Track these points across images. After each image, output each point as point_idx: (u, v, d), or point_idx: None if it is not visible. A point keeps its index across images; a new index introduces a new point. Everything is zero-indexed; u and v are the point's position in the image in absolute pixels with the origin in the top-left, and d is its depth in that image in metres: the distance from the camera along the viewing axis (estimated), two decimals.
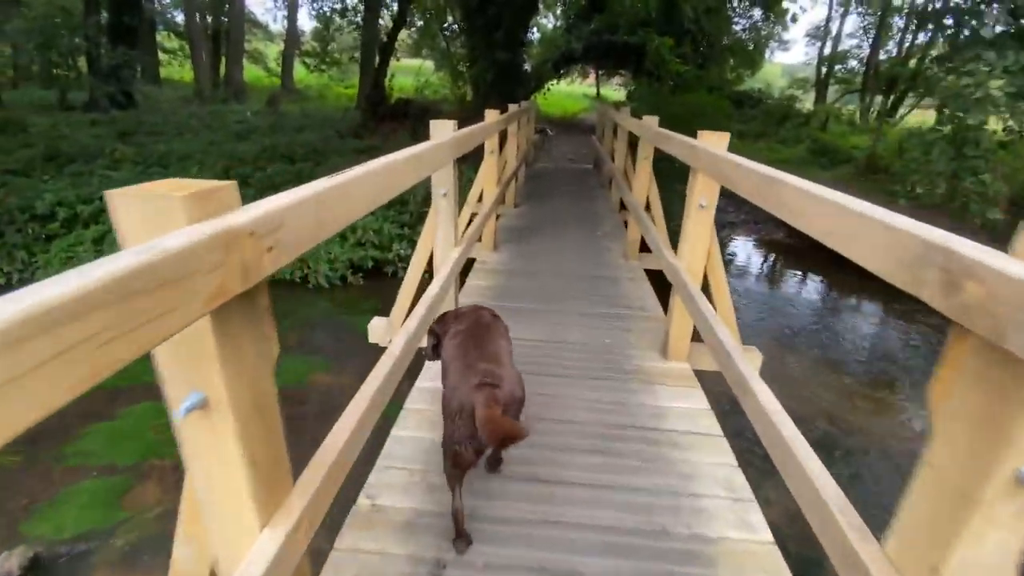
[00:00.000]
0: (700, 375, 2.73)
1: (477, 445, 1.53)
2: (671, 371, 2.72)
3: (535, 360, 2.72)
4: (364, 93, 13.80)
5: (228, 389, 0.78)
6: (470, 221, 3.94)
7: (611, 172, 6.04)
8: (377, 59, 13.34)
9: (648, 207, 4.17)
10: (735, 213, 11.30)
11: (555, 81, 17.17)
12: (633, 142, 5.41)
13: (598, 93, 37.90)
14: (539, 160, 10.39)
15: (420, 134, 12.21)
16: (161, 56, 24.27)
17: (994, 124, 7.99)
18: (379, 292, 6.72)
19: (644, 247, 4.35)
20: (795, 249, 9.86)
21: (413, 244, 6.35)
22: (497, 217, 5.11)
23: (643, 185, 4.28)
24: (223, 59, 20.02)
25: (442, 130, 2.43)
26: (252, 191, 7.61)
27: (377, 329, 2.91)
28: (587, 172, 9.26)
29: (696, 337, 2.68)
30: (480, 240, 4.35)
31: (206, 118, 13.64)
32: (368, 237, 6.66)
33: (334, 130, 12.78)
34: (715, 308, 2.32)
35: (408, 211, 7.44)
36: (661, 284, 4.26)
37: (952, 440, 0.77)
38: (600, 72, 29.19)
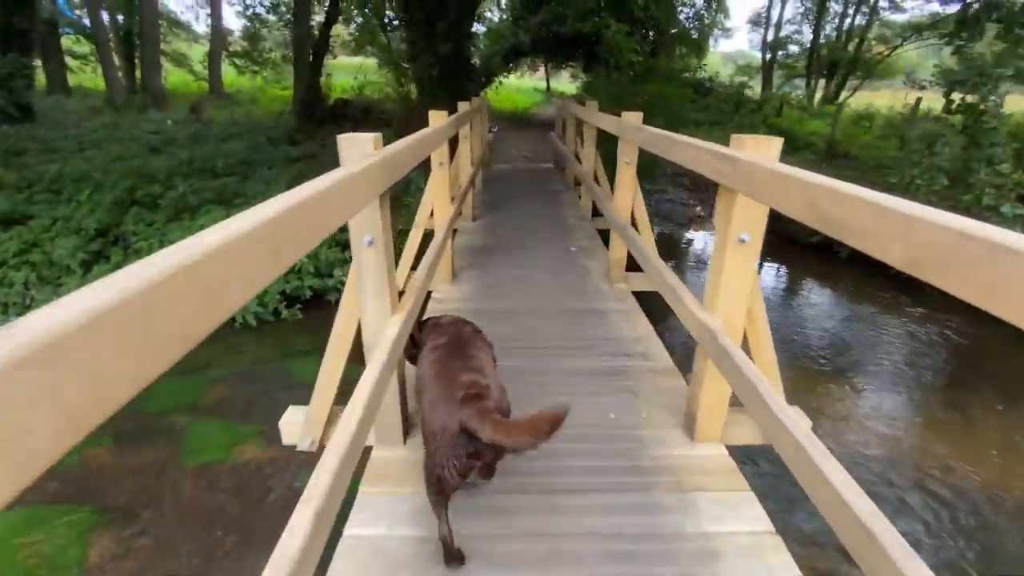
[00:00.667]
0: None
1: (463, 467, 1.39)
2: (706, 462, 2.01)
3: (513, 462, 1.89)
4: (299, 95, 12.60)
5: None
6: (421, 246, 3.13)
7: (579, 175, 5.33)
8: (311, 57, 12.16)
9: (633, 221, 3.48)
10: (703, 207, 10.89)
11: (505, 75, 16.39)
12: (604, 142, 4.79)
13: (548, 86, 37.42)
14: (494, 160, 9.60)
15: None
16: (72, 62, 21.94)
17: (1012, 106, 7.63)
18: (320, 325, 5.79)
19: (631, 265, 3.63)
20: (769, 245, 9.52)
21: None
22: (454, 235, 4.30)
23: (627, 196, 3.57)
24: (138, 63, 18.14)
25: (358, 149, 1.51)
26: (161, 216, 6.48)
27: (292, 426, 2.04)
28: (548, 172, 8.55)
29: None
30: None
31: (116, 130, 12.11)
32: (302, 264, 5.70)
33: (266, 137, 11.57)
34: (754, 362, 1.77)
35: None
36: (653, 308, 3.69)
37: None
38: (549, 65, 28.64)
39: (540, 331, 3.08)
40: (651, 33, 15.18)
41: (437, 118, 3.67)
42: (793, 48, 25.56)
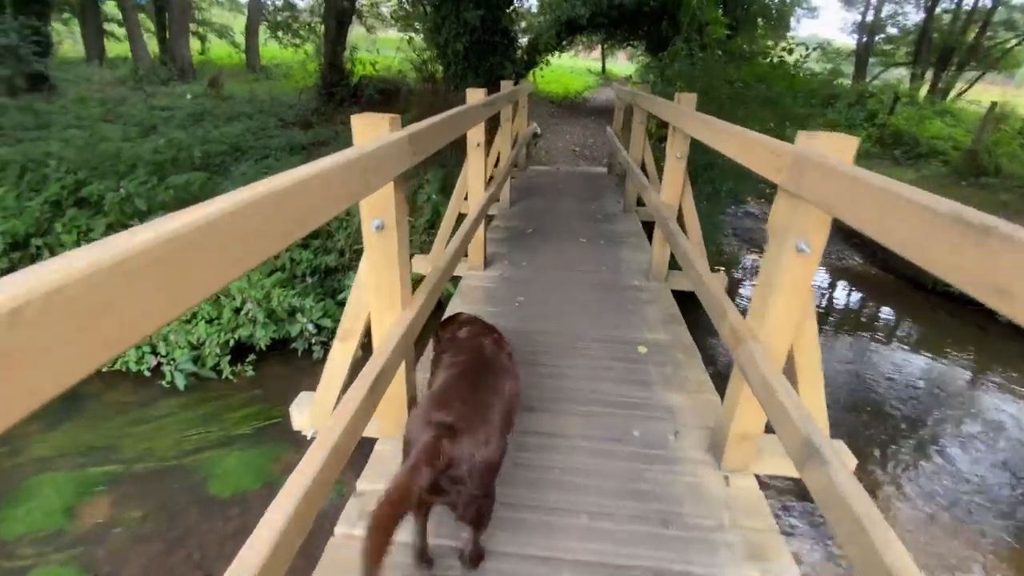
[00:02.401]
0: None
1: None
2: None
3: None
4: (321, 72, 11.10)
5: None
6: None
7: (655, 209, 3.31)
8: (333, 29, 10.60)
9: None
10: None
11: (556, 54, 14.35)
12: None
13: (604, 68, 34.80)
14: (533, 158, 7.75)
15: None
16: (119, 30, 21.37)
17: None
18: (280, 386, 4.28)
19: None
20: (878, 282, 7.32)
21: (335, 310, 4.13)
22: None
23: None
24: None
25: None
26: (101, 223, 5.09)
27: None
28: (601, 180, 6.64)
29: None
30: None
31: (123, 104, 11.01)
32: (251, 309, 4.16)
33: (278, 118, 10.17)
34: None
35: (323, 258, 4.93)
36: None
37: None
38: (606, 44, 26.21)
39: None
40: (735, 7, 12.77)
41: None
42: (891, 31, 22.08)
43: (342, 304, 3.95)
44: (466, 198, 3.44)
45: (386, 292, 1.67)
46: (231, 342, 4.24)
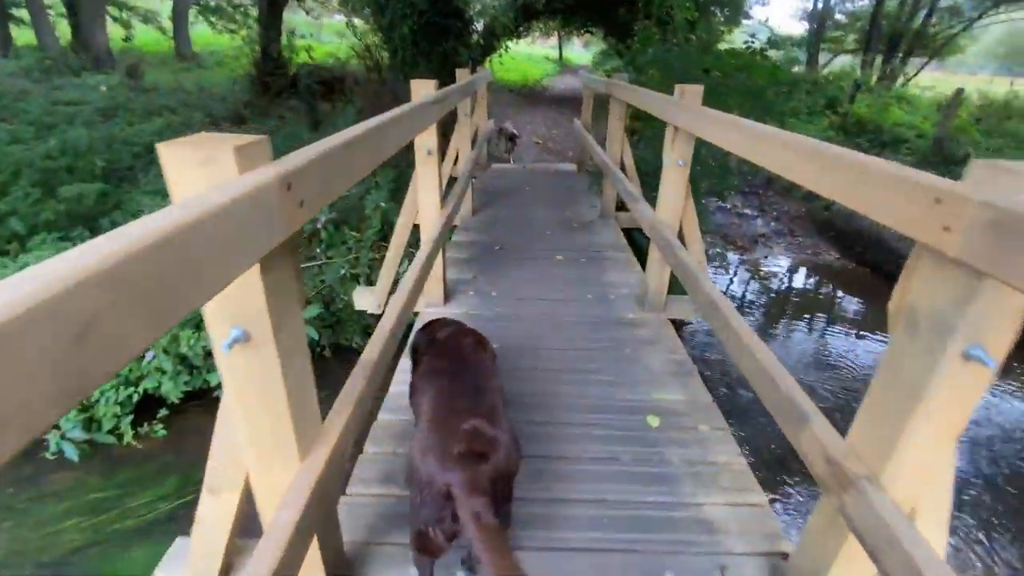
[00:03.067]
0: None
1: (450, 530, 1.14)
2: None
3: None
4: (253, 60, 9.99)
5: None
6: None
7: (652, 229, 2.68)
8: (266, 12, 9.52)
9: None
10: (763, 220, 8.43)
11: (513, 40, 13.63)
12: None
13: (561, 55, 34.21)
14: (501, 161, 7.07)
15: (322, 115, 8.66)
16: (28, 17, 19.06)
17: None
18: (206, 444, 3.52)
19: None
20: (855, 276, 7.08)
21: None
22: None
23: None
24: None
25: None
26: None
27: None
28: (571, 180, 6.04)
29: None
30: None
31: (24, 99, 9.58)
32: (153, 360, 3.36)
33: (205, 113, 9.06)
34: None
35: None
36: None
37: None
38: (563, 31, 25.59)
39: None
40: None
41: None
42: (839, 17, 22.39)
43: None
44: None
45: (268, 442, 1.02)
46: (134, 397, 3.43)
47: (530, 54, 27.00)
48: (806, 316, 6.00)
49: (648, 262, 2.80)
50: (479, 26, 10.51)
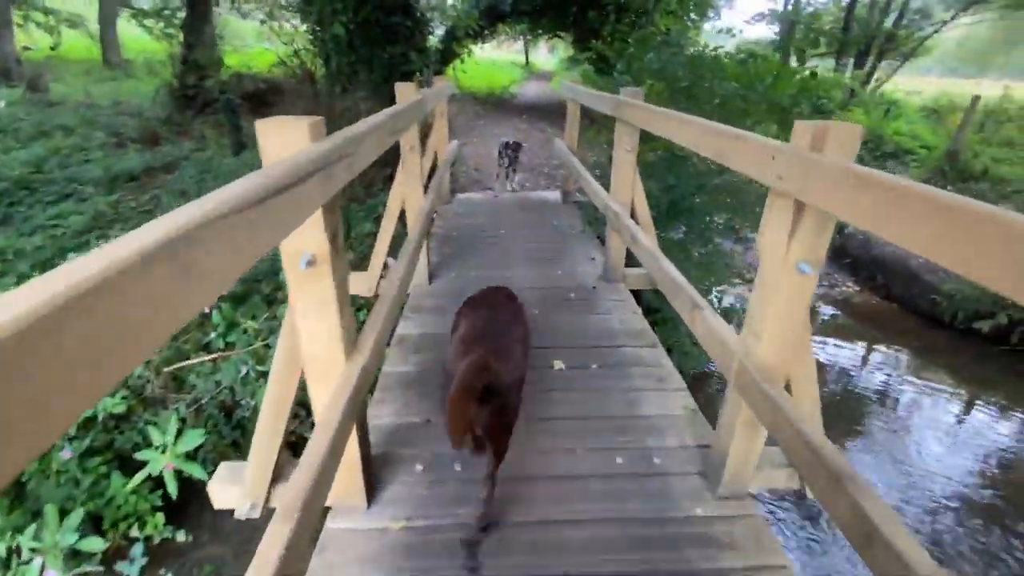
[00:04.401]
0: None
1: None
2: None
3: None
4: (174, 69, 8.50)
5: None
6: None
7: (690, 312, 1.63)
8: (189, 17, 8.08)
9: None
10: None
11: (477, 45, 12.46)
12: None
13: (527, 60, 33.28)
14: (455, 185, 5.83)
15: (249, 134, 7.23)
16: None
17: None
18: None
19: None
20: (881, 313, 6.15)
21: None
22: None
23: None
24: None
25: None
26: None
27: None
28: (554, 212, 4.88)
29: None
30: None
31: None
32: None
33: (111, 131, 7.55)
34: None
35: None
36: None
37: None
38: (529, 36, 24.63)
39: None
40: None
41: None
42: (808, 22, 22.08)
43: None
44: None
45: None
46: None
47: (495, 60, 25.94)
48: (837, 368, 4.99)
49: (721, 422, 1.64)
50: (438, 28, 9.29)
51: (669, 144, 4.17)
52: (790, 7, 20.31)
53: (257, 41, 14.90)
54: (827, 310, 6.14)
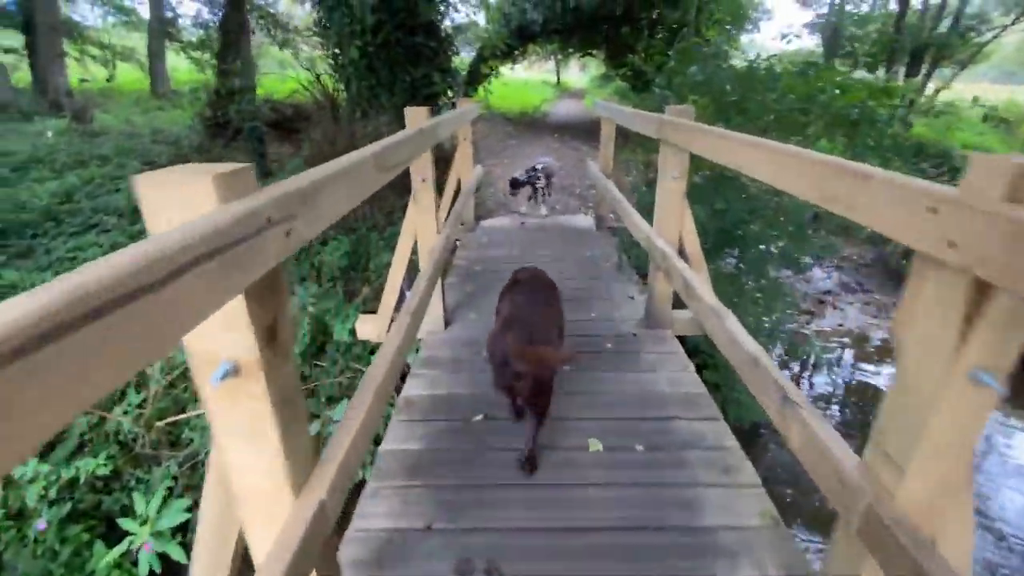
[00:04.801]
0: None
1: (508, 385, 1.76)
2: None
3: None
4: (209, 98, 8.61)
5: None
6: None
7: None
8: (220, 45, 8.16)
9: None
10: (823, 271, 6.84)
11: (509, 65, 12.28)
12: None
13: (558, 80, 33.25)
14: (478, 208, 5.50)
15: (275, 160, 7.13)
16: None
17: None
18: None
19: None
20: None
21: None
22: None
23: None
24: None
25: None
26: None
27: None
28: (588, 241, 4.48)
29: None
30: None
31: None
32: None
33: (145, 160, 7.63)
34: None
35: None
36: None
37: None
38: (560, 55, 24.57)
39: None
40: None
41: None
42: (852, 29, 21.13)
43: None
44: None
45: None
46: None
47: (527, 80, 25.95)
48: None
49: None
50: (467, 49, 9.12)
51: (715, 163, 3.76)
52: (833, 18, 19.45)
53: (281, 68, 15.19)
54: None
